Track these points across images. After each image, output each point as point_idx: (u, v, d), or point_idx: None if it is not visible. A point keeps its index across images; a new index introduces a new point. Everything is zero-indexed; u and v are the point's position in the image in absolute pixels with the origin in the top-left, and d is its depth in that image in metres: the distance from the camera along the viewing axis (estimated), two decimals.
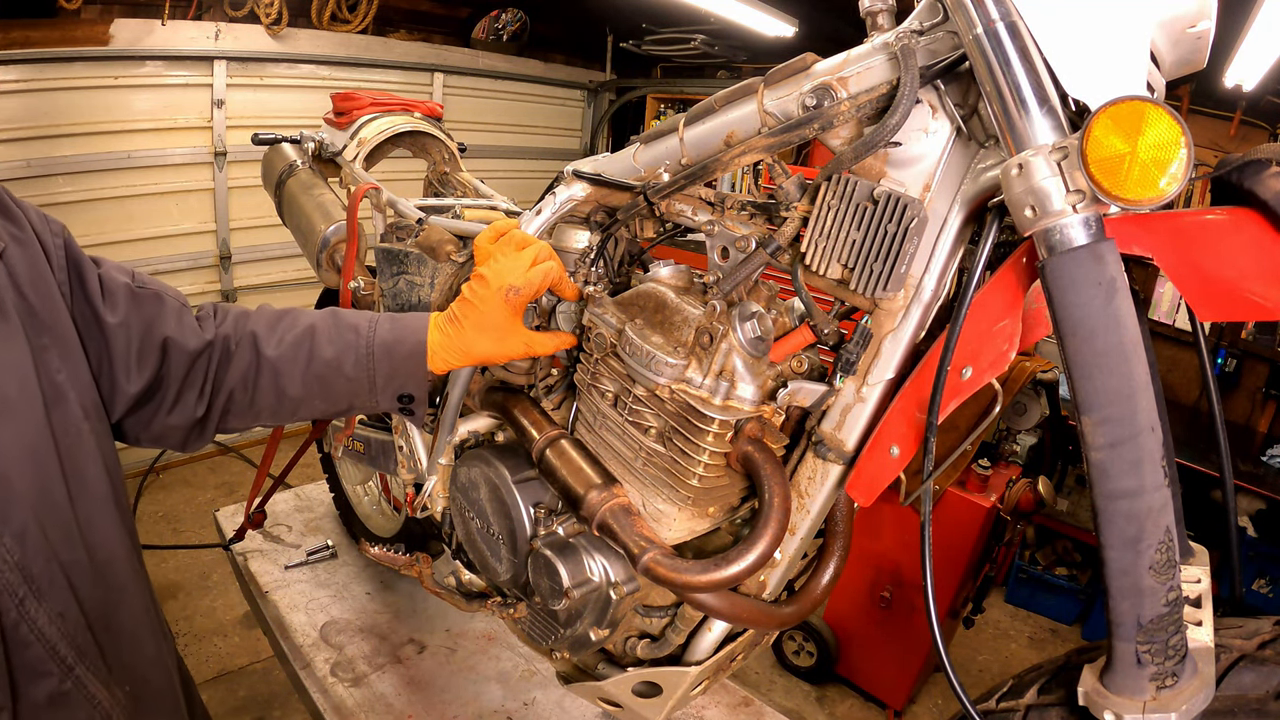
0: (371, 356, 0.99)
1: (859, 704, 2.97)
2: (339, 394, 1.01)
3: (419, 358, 1.00)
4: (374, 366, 0.99)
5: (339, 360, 0.99)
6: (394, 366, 1.00)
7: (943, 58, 0.74)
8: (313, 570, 2.03)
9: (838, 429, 0.89)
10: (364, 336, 1.00)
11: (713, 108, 0.96)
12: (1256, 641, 0.71)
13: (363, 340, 1.00)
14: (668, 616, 1.07)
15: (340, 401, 1.02)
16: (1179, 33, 0.70)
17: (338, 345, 0.99)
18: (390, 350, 1.00)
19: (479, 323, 0.99)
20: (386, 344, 1.00)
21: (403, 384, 1.01)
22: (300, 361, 0.98)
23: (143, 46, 3.52)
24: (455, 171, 1.86)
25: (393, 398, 1.03)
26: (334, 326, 1.01)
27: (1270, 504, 3.23)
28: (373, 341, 1.00)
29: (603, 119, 5.74)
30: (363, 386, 1.00)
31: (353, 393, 1.01)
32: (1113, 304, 0.62)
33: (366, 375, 1.00)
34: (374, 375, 1.00)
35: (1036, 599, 3.67)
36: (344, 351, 0.99)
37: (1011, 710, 0.80)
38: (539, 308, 1.17)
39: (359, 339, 1.00)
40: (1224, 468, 0.85)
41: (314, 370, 0.98)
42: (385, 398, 1.02)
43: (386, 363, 1.00)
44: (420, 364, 1.00)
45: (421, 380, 1.02)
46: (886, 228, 0.79)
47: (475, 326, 0.99)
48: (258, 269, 4.25)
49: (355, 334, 1.00)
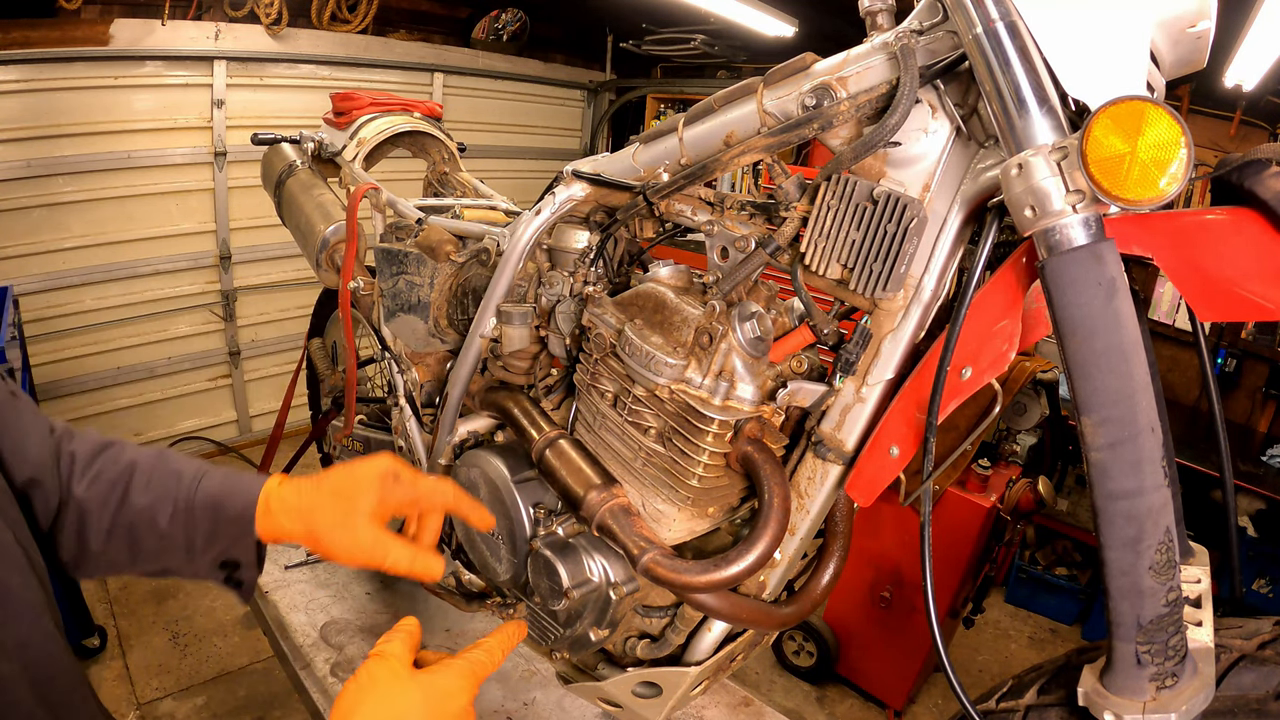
0: (191, 510, 0.82)
1: (859, 704, 2.97)
2: (148, 551, 0.83)
3: (247, 520, 0.83)
4: (193, 523, 0.82)
5: (153, 510, 0.82)
6: (216, 526, 0.83)
7: (942, 57, 0.74)
8: (313, 570, 2.03)
9: (837, 429, 0.89)
10: (186, 485, 0.83)
11: (712, 108, 0.96)
12: (1256, 641, 0.71)
13: (184, 489, 0.83)
14: (667, 617, 1.07)
15: (149, 561, 0.84)
16: (1179, 33, 0.70)
17: (154, 492, 0.82)
18: (216, 505, 0.83)
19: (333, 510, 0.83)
20: (212, 496, 0.83)
21: (226, 549, 0.84)
22: (110, 506, 0.81)
23: (143, 46, 3.52)
24: (455, 171, 1.86)
25: (214, 565, 0.85)
26: (156, 468, 0.84)
27: (1270, 504, 3.23)
28: (194, 492, 0.83)
29: (603, 119, 5.73)
30: (178, 545, 0.83)
31: (164, 551, 0.83)
32: (1113, 304, 0.62)
33: (184, 533, 0.82)
34: (193, 534, 0.82)
35: (1036, 599, 3.67)
36: (160, 500, 0.82)
37: (1011, 710, 0.80)
38: (539, 307, 1.17)
39: (179, 487, 0.83)
40: (1224, 468, 0.85)
41: (122, 519, 0.81)
42: (205, 563, 0.84)
43: (208, 520, 0.83)
44: (248, 526, 0.83)
45: (250, 545, 0.85)
46: (886, 228, 0.79)
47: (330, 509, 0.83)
48: (258, 269, 4.24)
49: (176, 481, 0.83)
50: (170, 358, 4.06)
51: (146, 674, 2.75)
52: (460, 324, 1.35)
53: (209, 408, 4.31)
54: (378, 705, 0.69)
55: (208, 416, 4.31)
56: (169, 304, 3.96)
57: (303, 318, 2.63)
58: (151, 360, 3.98)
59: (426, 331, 1.38)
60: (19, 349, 3.00)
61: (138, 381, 3.97)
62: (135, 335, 3.89)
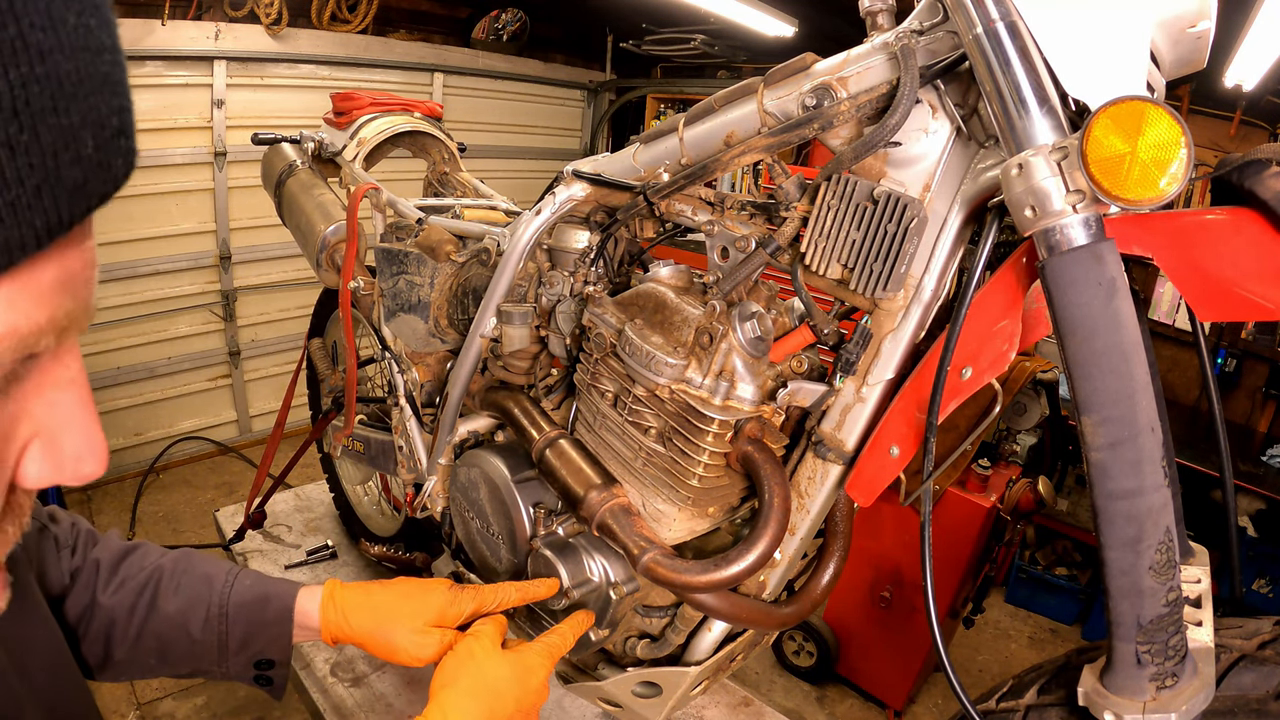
0: (225, 616, 0.83)
1: (859, 704, 2.97)
2: (178, 656, 0.84)
3: (286, 621, 0.85)
4: (226, 628, 0.83)
5: (184, 616, 0.82)
6: (251, 628, 0.83)
7: (943, 57, 0.74)
8: (313, 570, 2.03)
9: (838, 429, 0.89)
10: (219, 590, 0.84)
11: (712, 108, 0.96)
12: (1256, 641, 0.71)
13: (216, 594, 0.84)
14: (667, 616, 1.07)
15: (179, 665, 0.85)
16: (1179, 33, 0.70)
17: (184, 597, 0.83)
18: (253, 609, 0.84)
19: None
20: (247, 602, 0.84)
21: (262, 649, 0.85)
22: (138, 613, 0.81)
23: (143, 46, 3.52)
24: (455, 171, 1.86)
25: (247, 665, 0.85)
26: (184, 572, 0.85)
27: (1270, 504, 3.23)
28: (228, 598, 0.84)
29: (603, 119, 5.73)
30: (210, 649, 0.83)
31: (196, 656, 0.84)
32: (1113, 304, 0.62)
33: (216, 638, 0.83)
34: (225, 637, 0.83)
35: (1036, 599, 3.67)
36: (192, 606, 0.83)
37: (1011, 710, 0.80)
38: (539, 307, 1.17)
39: (211, 592, 0.83)
40: (1224, 468, 0.85)
41: (151, 626, 0.81)
42: (238, 665, 0.85)
43: (242, 624, 0.83)
44: (287, 627, 0.85)
45: (286, 645, 0.86)
46: (886, 228, 0.79)
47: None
48: (258, 269, 4.25)
49: (208, 586, 0.84)
50: (170, 358, 4.06)
51: None
52: (460, 324, 1.35)
53: (209, 408, 4.31)
54: (476, 675, 0.79)
55: (208, 416, 4.31)
56: (169, 304, 3.97)
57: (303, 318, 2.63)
58: (151, 360, 3.99)
59: (426, 331, 1.38)
60: None
61: (138, 381, 3.98)
62: (135, 335, 3.89)
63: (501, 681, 0.79)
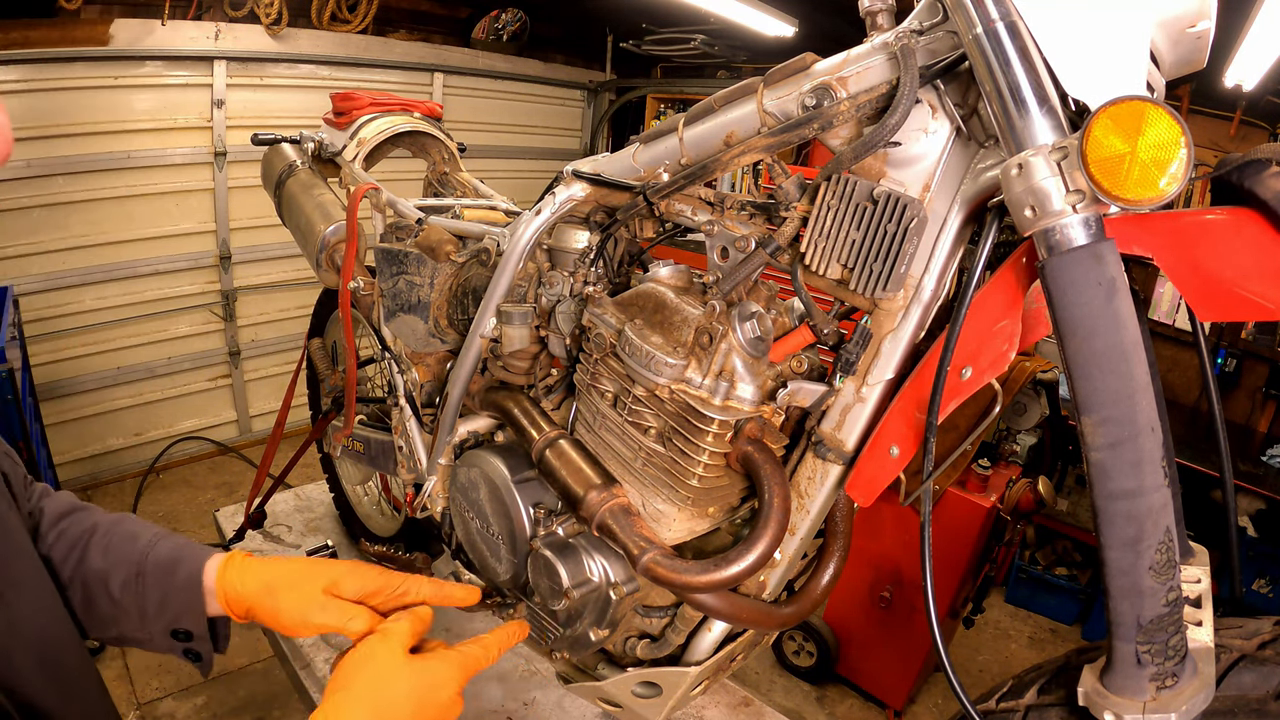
0: (143, 576, 0.81)
1: (859, 704, 2.97)
2: (101, 615, 0.81)
3: (195, 586, 0.82)
4: (144, 589, 0.80)
5: (107, 574, 0.80)
6: (165, 593, 0.81)
7: (942, 57, 0.74)
8: None
9: (837, 429, 0.89)
10: (140, 549, 0.82)
11: (712, 108, 0.96)
12: (1256, 641, 0.71)
13: (137, 553, 0.81)
14: (667, 616, 1.07)
15: (105, 626, 0.82)
16: (1179, 33, 0.70)
17: (111, 556, 0.81)
18: (166, 571, 0.81)
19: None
20: (162, 563, 0.81)
21: (176, 616, 0.81)
22: (69, 565, 0.80)
23: (143, 46, 3.52)
24: (455, 171, 1.86)
25: (165, 633, 0.82)
26: (114, 532, 0.83)
27: (1270, 504, 3.23)
28: (146, 558, 0.81)
29: (603, 119, 5.73)
30: (130, 611, 0.81)
31: (119, 617, 0.81)
32: (1113, 304, 0.62)
33: (135, 599, 0.80)
34: (143, 600, 0.80)
35: (1036, 599, 3.67)
36: (115, 565, 0.81)
37: (1011, 710, 0.80)
38: (539, 307, 1.17)
39: (134, 551, 0.81)
40: (1224, 468, 0.85)
41: (78, 578, 0.80)
42: (158, 631, 0.82)
43: (158, 587, 0.81)
44: (197, 592, 0.82)
45: (200, 614, 0.82)
46: (886, 228, 0.79)
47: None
48: (258, 269, 4.25)
49: (132, 545, 0.82)
50: (170, 358, 4.06)
51: (146, 674, 2.75)
52: (460, 324, 1.35)
53: (209, 408, 4.31)
54: (369, 683, 0.71)
55: (208, 416, 4.31)
56: (169, 304, 3.97)
57: (303, 318, 2.62)
58: (151, 360, 3.99)
59: (426, 331, 1.38)
60: (19, 349, 3.00)
61: (138, 381, 3.98)
62: (135, 335, 3.90)
63: (399, 694, 0.72)
